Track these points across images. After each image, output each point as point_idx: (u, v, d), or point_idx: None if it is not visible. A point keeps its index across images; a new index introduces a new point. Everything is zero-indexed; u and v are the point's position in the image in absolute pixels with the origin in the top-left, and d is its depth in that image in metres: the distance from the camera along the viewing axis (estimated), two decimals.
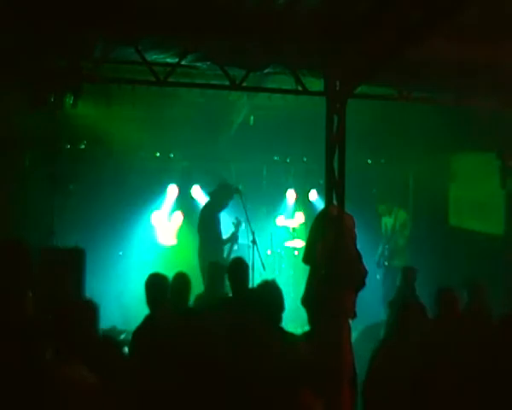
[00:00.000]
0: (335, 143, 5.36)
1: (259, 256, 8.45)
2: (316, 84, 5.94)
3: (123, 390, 3.83)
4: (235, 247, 9.54)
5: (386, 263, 9.25)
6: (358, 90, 5.68)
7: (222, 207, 8.72)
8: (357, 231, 5.29)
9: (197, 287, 6.40)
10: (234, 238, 8.80)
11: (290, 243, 10.42)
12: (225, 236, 8.82)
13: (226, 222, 9.03)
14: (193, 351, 4.24)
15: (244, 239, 8.97)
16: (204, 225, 8.67)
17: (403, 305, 5.03)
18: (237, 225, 8.78)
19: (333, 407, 4.40)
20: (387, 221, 9.53)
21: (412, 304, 5.17)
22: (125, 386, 3.89)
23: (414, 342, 4.51)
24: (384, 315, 6.87)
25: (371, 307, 7.85)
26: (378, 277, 9.18)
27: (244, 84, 6.03)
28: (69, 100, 6.23)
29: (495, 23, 4.86)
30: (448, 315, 5.42)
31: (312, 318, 5.07)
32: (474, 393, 4.20)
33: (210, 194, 8.95)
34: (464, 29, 4.80)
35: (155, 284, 5.32)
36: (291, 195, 10.75)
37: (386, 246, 9.32)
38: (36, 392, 3.22)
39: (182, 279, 5.70)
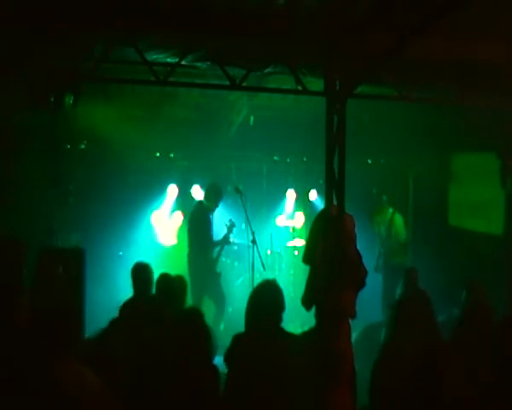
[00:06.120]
0: (335, 143, 5.36)
1: (259, 256, 8.45)
2: (316, 85, 5.94)
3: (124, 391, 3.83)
4: (235, 247, 9.55)
5: (385, 264, 9.19)
6: (358, 90, 5.68)
7: (212, 209, 8.75)
8: (357, 231, 5.29)
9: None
10: (225, 241, 8.83)
11: (290, 243, 10.41)
12: (216, 238, 8.82)
13: (220, 223, 9.03)
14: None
15: (244, 239, 8.96)
16: (194, 225, 8.69)
17: (397, 303, 4.80)
18: (230, 227, 8.81)
19: (332, 407, 4.39)
20: (381, 223, 9.42)
21: (408, 302, 4.95)
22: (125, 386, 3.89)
23: (416, 344, 4.36)
24: (384, 315, 6.86)
25: (371, 307, 7.84)
26: (378, 277, 9.16)
27: (244, 84, 6.03)
28: (69, 100, 6.23)
29: (495, 22, 4.86)
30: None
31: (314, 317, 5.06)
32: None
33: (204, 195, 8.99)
34: (464, 28, 4.80)
35: (140, 272, 5.67)
36: (291, 195, 10.74)
37: (382, 250, 9.26)
38: (36, 393, 3.22)
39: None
